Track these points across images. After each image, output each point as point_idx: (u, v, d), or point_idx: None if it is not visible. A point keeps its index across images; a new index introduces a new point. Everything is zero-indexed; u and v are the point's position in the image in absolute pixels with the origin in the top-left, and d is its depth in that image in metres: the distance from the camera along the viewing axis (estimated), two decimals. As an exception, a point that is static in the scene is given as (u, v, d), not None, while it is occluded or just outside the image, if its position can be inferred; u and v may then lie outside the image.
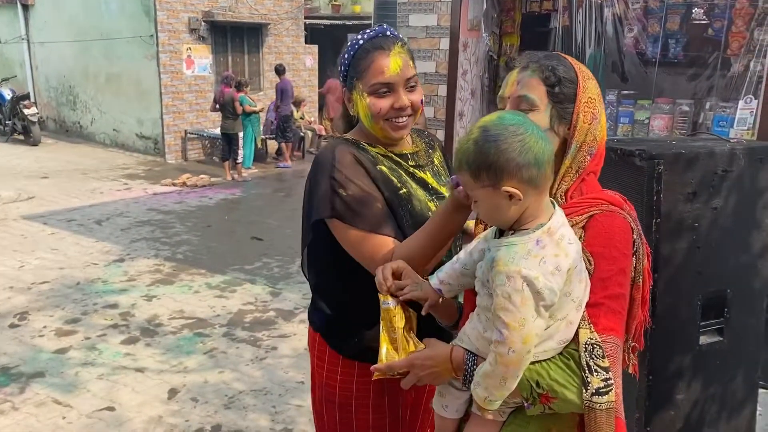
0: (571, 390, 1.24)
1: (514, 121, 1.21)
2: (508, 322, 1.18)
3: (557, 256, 1.20)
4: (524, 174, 1.19)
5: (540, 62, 1.37)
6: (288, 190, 9.81)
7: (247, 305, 4.99)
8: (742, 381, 2.89)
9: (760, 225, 2.81)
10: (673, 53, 4.85)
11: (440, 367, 1.37)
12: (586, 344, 1.25)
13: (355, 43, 1.67)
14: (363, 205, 1.58)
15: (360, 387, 1.75)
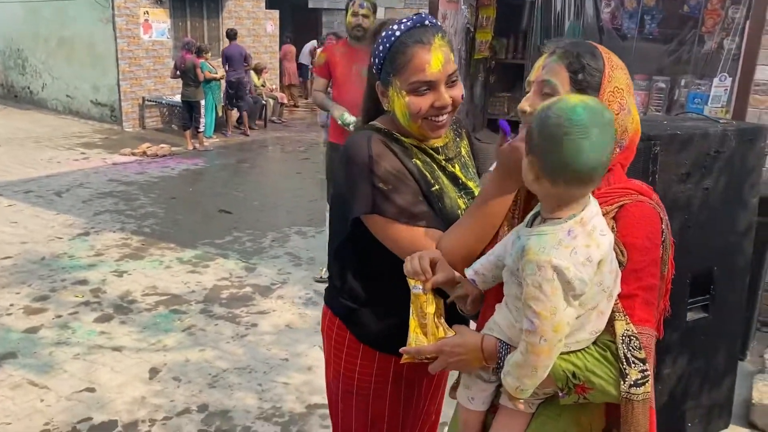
0: (609, 381, 1.25)
1: (575, 116, 1.14)
2: (539, 311, 1.18)
3: (588, 247, 1.19)
4: (541, 162, 1.18)
5: (566, 48, 1.34)
6: (252, 161, 9.63)
7: (222, 281, 4.91)
8: (724, 355, 2.99)
9: (747, 205, 2.88)
10: (649, 29, 4.89)
11: (470, 356, 1.36)
12: (623, 336, 1.25)
13: (392, 34, 1.54)
14: (403, 197, 1.53)
15: (379, 377, 1.74)
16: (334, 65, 4.55)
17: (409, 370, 1.72)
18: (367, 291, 1.72)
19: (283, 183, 8.27)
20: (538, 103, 1.33)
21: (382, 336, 1.70)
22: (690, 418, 2.98)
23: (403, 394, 1.78)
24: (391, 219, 1.53)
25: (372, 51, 1.60)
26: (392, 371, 1.73)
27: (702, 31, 4.54)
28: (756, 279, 3.54)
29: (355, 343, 1.73)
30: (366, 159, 1.53)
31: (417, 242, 1.52)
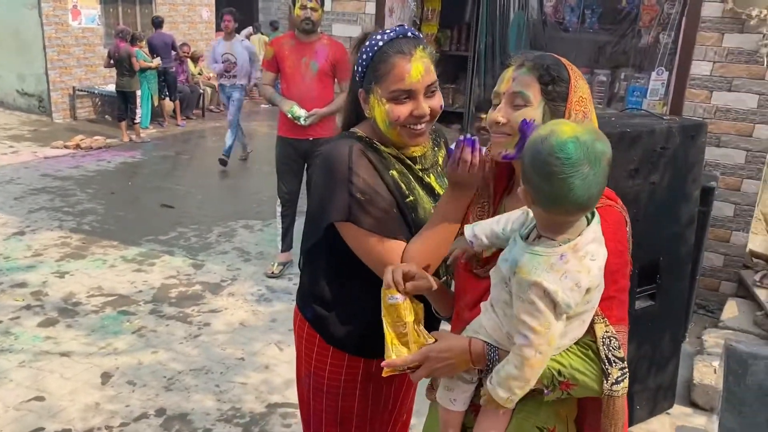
0: (591, 378, 1.31)
1: (565, 155, 1.16)
2: (534, 326, 1.23)
3: (579, 272, 1.23)
4: (535, 193, 1.21)
5: (535, 61, 1.39)
6: (192, 152, 9.41)
7: (170, 279, 4.80)
8: (668, 340, 3.15)
9: (689, 197, 3.03)
10: (589, 23, 5.06)
11: (458, 359, 1.39)
12: (604, 338, 1.31)
13: (375, 44, 1.59)
14: (378, 209, 1.58)
15: (348, 377, 1.79)
16: (282, 59, 4.50)
17: (380, 371, 1.76)
18: (336, 295, 1.76)
19: (225, 175, 8.13)
20: (511, 114, 1.39)
21: (350, 340, 1.75)
22: (638, 401, 3.14)
23: (372, 393, 1.83)
24: (365, 230, 1.57)
25: (355, 60, 1.63)
26: (361, 372, 1.78)
27: (640, 26, 4.73)
28: (695, 264, 3.73)
29: (325, 345, 1.78)
30: (346, 168, 1.57)
31: (387, 255, 1.57)
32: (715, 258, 4.45)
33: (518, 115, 1.38)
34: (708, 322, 4.27)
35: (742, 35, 4.07)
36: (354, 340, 1.76)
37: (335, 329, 1.77)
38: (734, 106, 4.18)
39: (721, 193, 4.25)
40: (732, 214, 4.35)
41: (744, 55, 4.09)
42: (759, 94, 4.12)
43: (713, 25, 4.11)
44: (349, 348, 1.76)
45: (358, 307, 1.72)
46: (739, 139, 4.22)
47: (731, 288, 4.48)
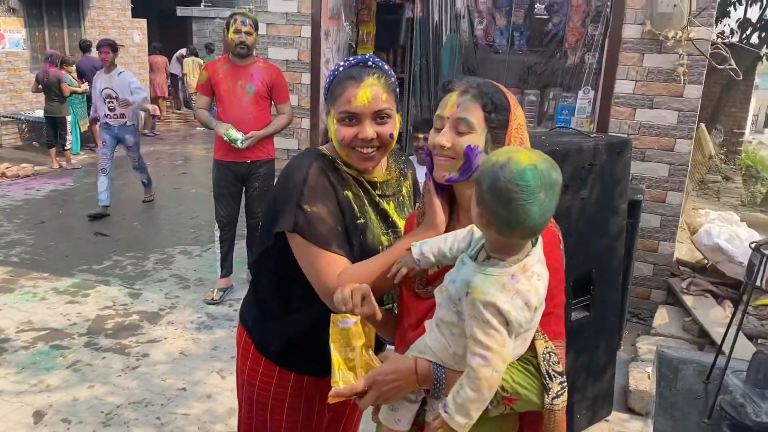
0: (533, 392, 1.35)
1: (524, 182, 1.19)
2: (491, 345, 1.25)
3: (528, 292, 1.27)
4: (491, 217, 1.25)
5: (480, 89, 1.44)
6: (126, 177, 9.15)
7: (106, 310, 4.65)
8: (604, 349, 3.26)
9: (617, 211, 3.16)
10: (518, 45, 5.23)
11: (404, 381, 1.41)
12: (544, 353, 1.35)
13: (336, 68, 1.68)
14: (324, 224, 1.61)
15: (278, 389, 1.82)
16: (216, 83, 4.47)
17: (311, 387, 1.81)
18: (276, 305, 1.80)
19: (161, 200, 7.95)
20: (455, 139, 1.44)
21: (282, 353, 1.78)
22: (577, 410, 3.23)
23: (303, 410, 1.84)
24: (309, 242, 1.60)
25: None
26: (291, 386, 1.81)
27: (566, 47, 4.92)
28: (626, 274, 3.88)
29: (258, 355, 1.82)
30: (300, 180, 1.61)
31: (327, 269, 1.59)
32: (644, 267, 4.64)
33: (463, 141, 1.43)
34: (641, 330, 4.43)
35: (660, 55, 4.30)
36: (286, 353, 1.79)
37: (269, 340, 1.80)
38: (656, 123, 4.40)
39: (648, 205, 4.44)
40: (658, 225, 4.56)
41: (663, 74, 4.32)
42: (678, 110, 4.35)
43: (634, 46, 4.33)
44: (279, 361, 1.80)
45: (296, 320, 1.75)
46: (662, 153, 4.44)
47: (661, 296, 4.68)
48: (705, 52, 4.19)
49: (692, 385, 2.56)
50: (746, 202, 9.27)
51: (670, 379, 2.59)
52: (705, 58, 4.21)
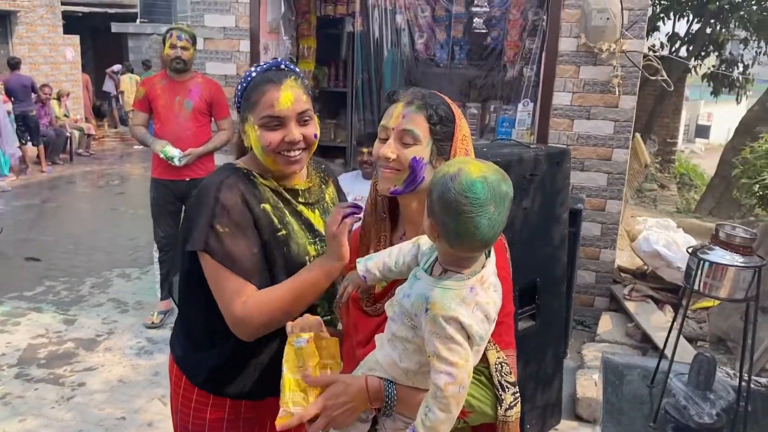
0: (486, 403, 1.33)
1: (474, 195, 1.17)
2: (456, 360, 1.22)
3: (488, 304, 1.26)
4: (441, 229, 1.22)
5: (425, 100, 1.44)
6: (59, 199, 8.83)
7: (38, 338, 4.42)
8: (551, 357, 3.28)
9: (559, 219, 3.19)
10: (459, 59, 5.27)
11: (356, 402, 1.36)
12: (496, 364, 1.34)
13: (248, 75, 1.65)
14: (236, 246, 1.56)
15: (213, 416, 1.74)
16: (154, 98, 4.35)
17: (248, 411, 1.75)
18: (203, 334, 1.72)
19: (97, 222, 7.67)
20: (400, 150, 1.42)
21: (214, 381, 1.71)
22: (528, 420, 3.23)
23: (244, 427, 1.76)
24: (220, 264, 1.55)
25: (234, 91, 1.70)
26: (227, 413, 1.73)
27: (505, 61, 4.99)
28: (570, 282, 3.93)
29: (190, 385, 1.74)
30: (212, 199, 1.56)
31: (237, 294, 1.55)
32: (587, 275, 4.72)
33: (408, 153, 1.41)
34: (586, 337, 4.49)
35: (595, 67, 4.40)
36: (218, 381, 1.71)
37: (199, 369, 1.73)
38: (593, 133, 4.50)
39: (588, 214, 4.53)
40: (599, 233, 4.65)
41: (599, 86, 4.42)
42: (614, 120, 4.46)
43: (570, 58, 4.43)
44: (212, 389, 1.72)
45: (226, 347, 1.67)
46: (600, 163, 4.54)
47: (604, 302, 4.76)
48: (638, 64, 4.31)
49: (637, 389, 2.59)
50: (681, 209, 9.61)
51: (616, 385, 2.62)
52: (638, 69, 4.33)
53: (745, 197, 6.26)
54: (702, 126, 22.42)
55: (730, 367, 3.32)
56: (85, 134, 12.07)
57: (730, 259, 2.16)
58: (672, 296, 4.56)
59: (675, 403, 2.39)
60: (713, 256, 2.19)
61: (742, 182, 6.04)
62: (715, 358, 2.39)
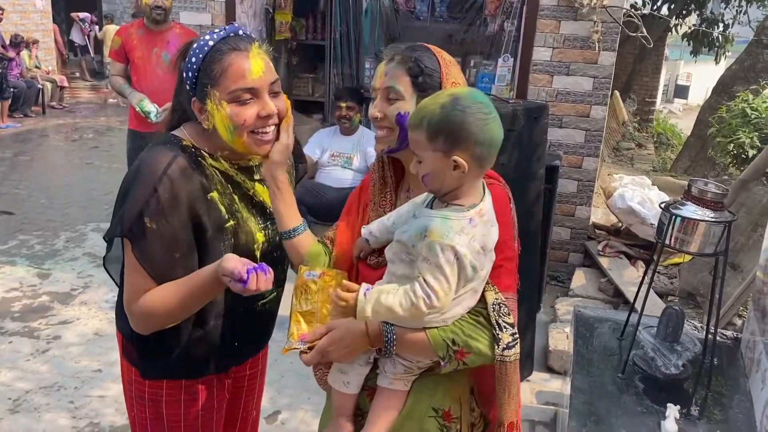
0: (484, 343, 1.34)
1: (482, 100, 1.28)
2: (437, 289, 1.25)
3: (485, 236, 1.29)
4: (476, 151, 1.26)
5: (404, 54, 1.42)
6: (32, 153, 8.65)
7: (12, 292, 4.39)
8: (524, 311, 3.31)
9: (535, 175, 3.20)
10: (439, 11, 5.19)
11: (355, 344, 1.39)
12: (494, 304, 1.35)
13: (204, 44, 1.45)
14: (159, 246, 1.45)
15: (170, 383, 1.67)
16: (130, 49, 4.24)
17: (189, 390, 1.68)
18: None
19: (72, 176, 7.55)
20: (387, 108, 1.42)
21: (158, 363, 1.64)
22: (500, 372, 3.30)
23: (202, 398, 1.71)
24: (136, 258, 1.45)
25: (183, 68, 1.49)
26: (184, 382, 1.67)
27: (486, 14, 4.93)
28: (545, 239, 3.97)
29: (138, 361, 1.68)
30: (151, 187, 1.43)
31: (139, 288, 1.47)
32: (563, 232, 4.77)
33: (393, 110, 1.41)
34: (560, 292, 4.57)
35: (576, 23, 4.36)
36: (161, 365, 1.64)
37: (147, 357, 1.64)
38: (573, 89, 4.48)
39: (565, 171, 4.55)
40: (575, 190, 4.68)
41: (579, 41, 4.39)
42: (593, 77, 4.44)
43: (551, 13, 4.38)
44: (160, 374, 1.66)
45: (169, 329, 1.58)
46: (579, 119, 4.54)
47: (578, 258, 4.83)
48: (618, 20, 4.28)
49: (607, 342, 2.65)
50: (658, 168, 9.70)
51: (587, 338, 2.67)
52: (618, 25, 4.31)
53: (720, 156, 6.32)
54: (681, 86, 22.47)
55: (698, 320, 3.41)
56: (58, 86, 11.78)
57: (701, 214, 2.18)
58: (645, 252, 4.64)
59: (643, 355, 2.45)
60: (685, 211, 2.20)
61: (717, 141, 6.09)
62: (683, 311, 2.44)
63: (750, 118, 5.70)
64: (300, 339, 1.41)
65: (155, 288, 1.47)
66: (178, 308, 1.48)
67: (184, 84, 1.51)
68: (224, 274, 1.35)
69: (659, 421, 2.10)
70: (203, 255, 1.52)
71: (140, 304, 1.47)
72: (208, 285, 1.44)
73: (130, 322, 1.52)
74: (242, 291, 1.34)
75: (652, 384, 2.35)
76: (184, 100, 1.53)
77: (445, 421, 1.43)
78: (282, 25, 5.44)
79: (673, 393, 2.27)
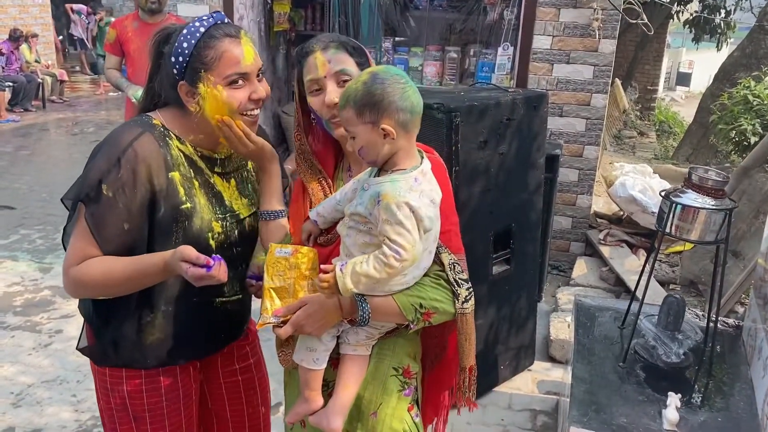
0: (447, 302, 1.48)
1: (398, 72, 1.40)
2: (404, 243, 1.34)
3: (432, 191, 1.42)
4: (400, 117, 1.36)
5: (339, 40, 1.55)
6: (33, 147, 8.65)
7: (14, 286, 4.39)
8: (525, 301, 3.32)
9: (535, 164, 3.19)
10: (438, 1, 5.15)
11: (330, 316, 1.45)
12: (450, 264, 1.50)
13: (195, 30, 1.49)
14: (111, 216, 1.47)
15: (130, 388, 1.66)
16: (126, 41, 4.23)
17: (167, 377, 1.68)
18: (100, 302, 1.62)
19: (73, 170, 7.49)
20: (340, 92, 1.49)
21: (121, 354, 1.63)
22: (501, 361, 3.30)
23: (165, 388, 1.69)
24: (87, 221, 1.47)
25: (169, 52, 1.51)
26: (143, 382, 1.66)
27: (485, 3, 4.89)
28: (546, 228, 3.96)
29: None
30: (114, 159, 1.47)
31: (80, 253, 1.49)
32: (564, 221, 4.76)
33: None
34: (561, 281, 4.56)
35: (576, 10, 4.33)
36: (124, 354, 1.63)
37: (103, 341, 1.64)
38: (573, 78, 4.46)
39: (566, 160, 4.53)
40: (576, 179, 4.66)
41: (579, 29, 4.36)
42: (593, 65, 4.41)
43: (550, 0, 4.35)
44: (119, 363, 1.64)
45: (125, 315, 1.59)
46: (579, 108, 4.51)
47: (580, 248, 4.82)
48: (618, 6, 4.25)
49: (608, 331, 2.64)
50: (659, 156, 9.66)
51: (588, 327, 2.67)
52: (618, 12, 4.27)
53: (722, 143, 6.29)
54: (683, 74, 22.33)
55: (699, 309, 3.40)
56: (58, 80, 11.76)
57: (701, 201, 2.17)
58: (646, 241, 4.63)
59: (644, 344, 2.44)
60: (685, 199, 2.19)
61: (719, 128, 6.06)
62: (684, 299, 2.43)
63: (752, 105, 5.67)
64: (274, 314, 1.46)
65: (100, 257, 1.49)
66: (118, 284, 1.49)
67: (167, 68, 1.53)
68: (185, 260, 1.39)
69: (660, 410, 2.10)
70: (155, 234, 1.54)
71: (80, 268, 1.49)
72: (158, 270, 1.46)
73: (63, 282, 1.54)
74: (200, 278, 1.39)
75: (653, 372, 2.34)
76: (164, 84, 1.55)
77: (405, 377, 1.58)
78: (280, 16, 5.41)
79: (675, 381, 2.27)
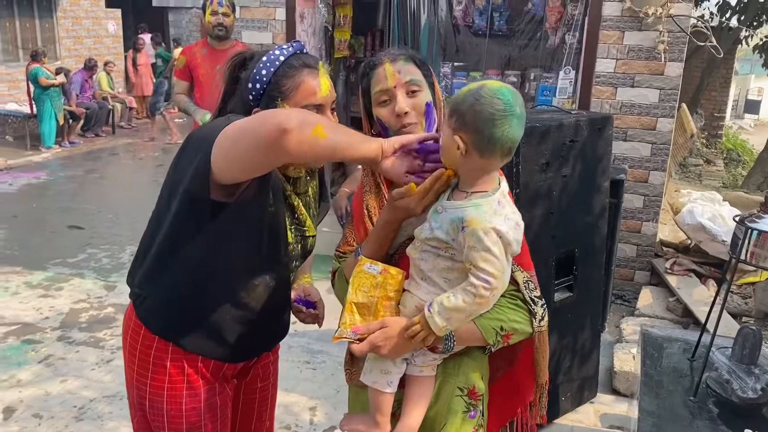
0: (525, 323, 1.48)
1: (504, 98, 1.29)
2: (493, 271, 1.31)
3: (514, 213, 1.38)
4: (475, 138, 1.30)
5: (406, 52, 1.54)
6: (102, 171, 9.00)
7: (80, 303, 4.53)
8: (588, 330, 3.20)
9: (600, 188, 3.09)
10: (498, 26, 5.14)
11: (409, 342, 1.41)
12: (524, 283, 1.48)
13: (274, 59, 1.50)
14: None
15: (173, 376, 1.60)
16: (195, 67, 4.36)
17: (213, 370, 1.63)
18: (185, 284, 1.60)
19: (138, 193, 7.80)
20: (411, 102, 1.50)
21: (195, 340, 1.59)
22: (563, 392, 3.18)
23: (205, 378, 1.64)
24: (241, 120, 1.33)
25: (247, 78, 1.52)
26: (186, 373, 1.60)
27: (546, 27, 4.85)
28: (610, 255, 3.83)
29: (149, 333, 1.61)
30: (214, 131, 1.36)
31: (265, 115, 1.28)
32: (628, 249, 4.60)
33: (418, 101, 1.50)
34: (625, 311, 4.40)
35: (641, 33, 4.24)
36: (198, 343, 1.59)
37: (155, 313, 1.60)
38: (637, 101, 4.34)
39: (630, 186, 4.40)
40: (641, 205, 4.51)
41: (644, 52, 4.26)
42: (659, 88, 4.29)
43: (614, 23, 4.27)
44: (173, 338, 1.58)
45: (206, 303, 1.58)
46: (644, 132, 4.39)
47: (645, 277, 4.64)
48: (685, 28, 4.14)
49: (677, 363, 2.51)
50: (728, 185, 9.30)
51: (655, 358, 2.54)
52: (685, 34, 4.16)
53: (797, 171, 6.00)
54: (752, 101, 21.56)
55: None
56: (127, 107, 12.25)
57: (780, 227, 2.05)
58: (716, 271, 4.42)
59: (717, 377, 2.30)
60: (762, 225, 2.08)
61: (793, 156, 5.79)
62: (761, 331, 2.29)
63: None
64: (352, 330, 1.42)
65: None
66: (337, 142, 1.29)
67: (242, 94, 1.55)
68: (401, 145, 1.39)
69: (737, 448, 1.97)
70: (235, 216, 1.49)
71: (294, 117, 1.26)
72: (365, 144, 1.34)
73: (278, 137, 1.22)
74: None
75: (727, 408, 2.20)
76: (237, 108, 1.57)
77: (471, 398, 1.54)
78: (341, 43, 5.50)
79: (751, 418, 2.12)
